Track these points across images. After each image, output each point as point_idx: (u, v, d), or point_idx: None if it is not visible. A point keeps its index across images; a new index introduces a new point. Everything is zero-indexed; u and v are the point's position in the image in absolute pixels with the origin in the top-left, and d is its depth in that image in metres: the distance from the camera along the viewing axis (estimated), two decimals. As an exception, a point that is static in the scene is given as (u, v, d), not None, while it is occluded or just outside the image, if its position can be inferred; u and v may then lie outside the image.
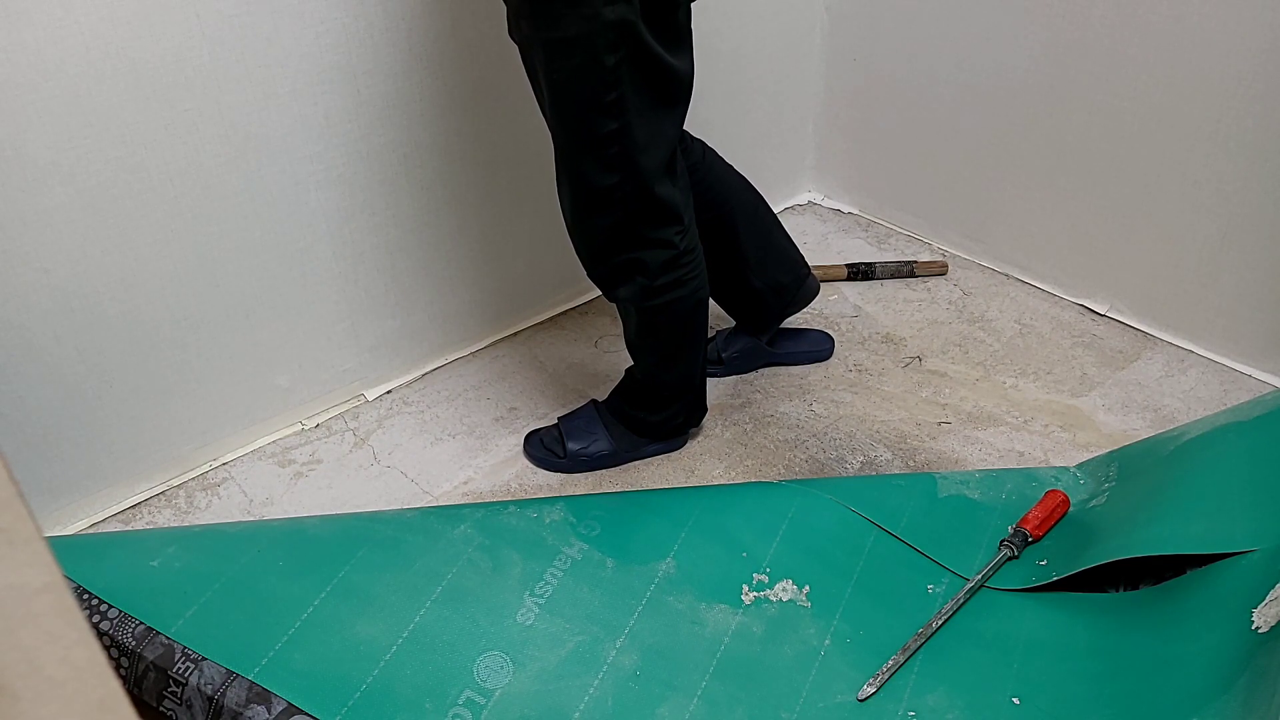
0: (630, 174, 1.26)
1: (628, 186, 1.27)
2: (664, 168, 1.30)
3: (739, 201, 1.59)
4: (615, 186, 1.27)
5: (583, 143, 1.25)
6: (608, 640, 1.12)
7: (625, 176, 1.26)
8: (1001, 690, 1.09)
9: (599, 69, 1.18)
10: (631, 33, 1.17)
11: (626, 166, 1.26)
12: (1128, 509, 1.28)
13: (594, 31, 1.15)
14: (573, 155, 1.27)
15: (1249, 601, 1.04)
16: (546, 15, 1.17)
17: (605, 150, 1.24)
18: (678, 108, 1.32)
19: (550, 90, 1.23)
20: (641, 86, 1.22)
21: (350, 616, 1.10)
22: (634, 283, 1.36)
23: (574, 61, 1.18)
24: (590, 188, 1.28)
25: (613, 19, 1.14)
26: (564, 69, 1.20)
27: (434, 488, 1.54)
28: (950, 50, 1.92)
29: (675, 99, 1.30)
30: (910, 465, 1.56)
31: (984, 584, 1.25)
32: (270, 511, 1.49)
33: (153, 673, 1.04)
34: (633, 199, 1.29)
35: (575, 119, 1.23)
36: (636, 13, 1.16)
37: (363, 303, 1.65)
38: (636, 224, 1.32)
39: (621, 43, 1.17)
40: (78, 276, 1.31)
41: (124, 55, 1.24)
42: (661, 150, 1.29)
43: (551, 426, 1.59)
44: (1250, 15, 1.51)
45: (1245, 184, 1.61)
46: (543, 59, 1.21)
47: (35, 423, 1.36)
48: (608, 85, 1.19)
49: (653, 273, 1.35)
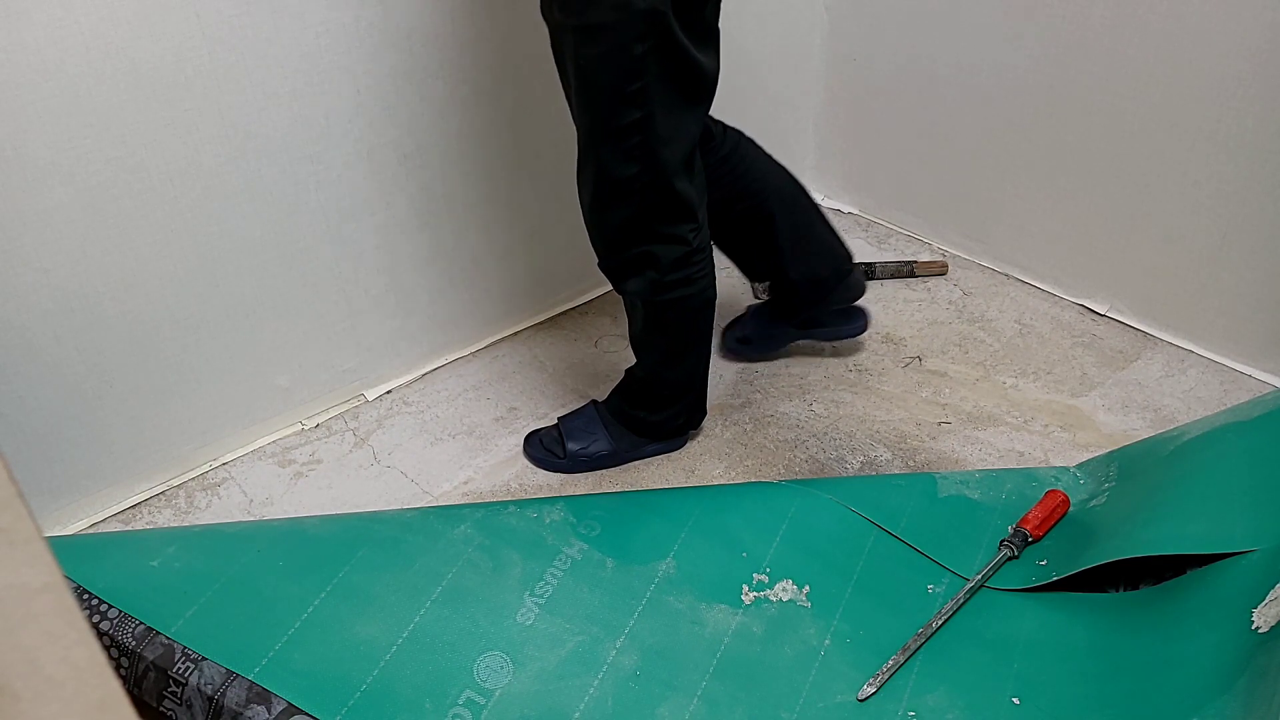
0: (649, 166, 1.27)
1: (646, 178, 1.28)
2: (684, 163, 1.31)
3: (776, 191, 1.59)
4: (634, 178, 1.28)
5: (605, 131, 1.26)
6: (608, 640, 1.12)
7: (644, 168, 1.27)
8: (1001, 690, 1.09)
9: (626, 57, 1.19)
10: (661, 23, 1.18)
11: (647, 158, 1.27)
12: (1127, 509, 1.28)
13: (624, 20, 1.16)
14: (595, 144, 1.28)
15: (1249, 601, 1.03)
16: (578, 1, 1.18)
17: (626, 140, 1.25)
18: (701, 105, 1.33)
19: (577, 76, 1.24)
20: (667, 79, 1.23)
21: (350, 616, 1.10)
22: (644, 276, 1.37)
23: (602, 48, 1.19)
24: (610, 178, 1.29)
25: (643, 8, 1.15)
26: (591, 55, 1.21)
27: (434, 488, 1.54)
28: (950, 50, 1.92)
29: (699, 96, 1.31)
30: (910, 465, 1.56)
31: (984, 584, 1.25)
32: (270, 511, 1.49)
33: (153, 673, 1.04)
34: (650, 191, 1.30)
35: (599, 106, 1.24)
36: (667, 4, 1.17)
37: (363, 303, 1.65)
38: (652, 218, 1.33)
39: (650, 33, 1.18)
40: (78, 276, 1.31)
41: (124, 55, 1.24)
42: (682, 145, 1.30)
43: (551, 427, 1.59)
44: (1250, 15, 1.51)
45: (1245, 184, 1.61)
46: (571, 44, 1.22)
47: (35, 423, 1.36)
48: (633, 74, 1.20)
49: (664, 268, 1.36)
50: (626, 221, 1.33)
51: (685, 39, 1.22)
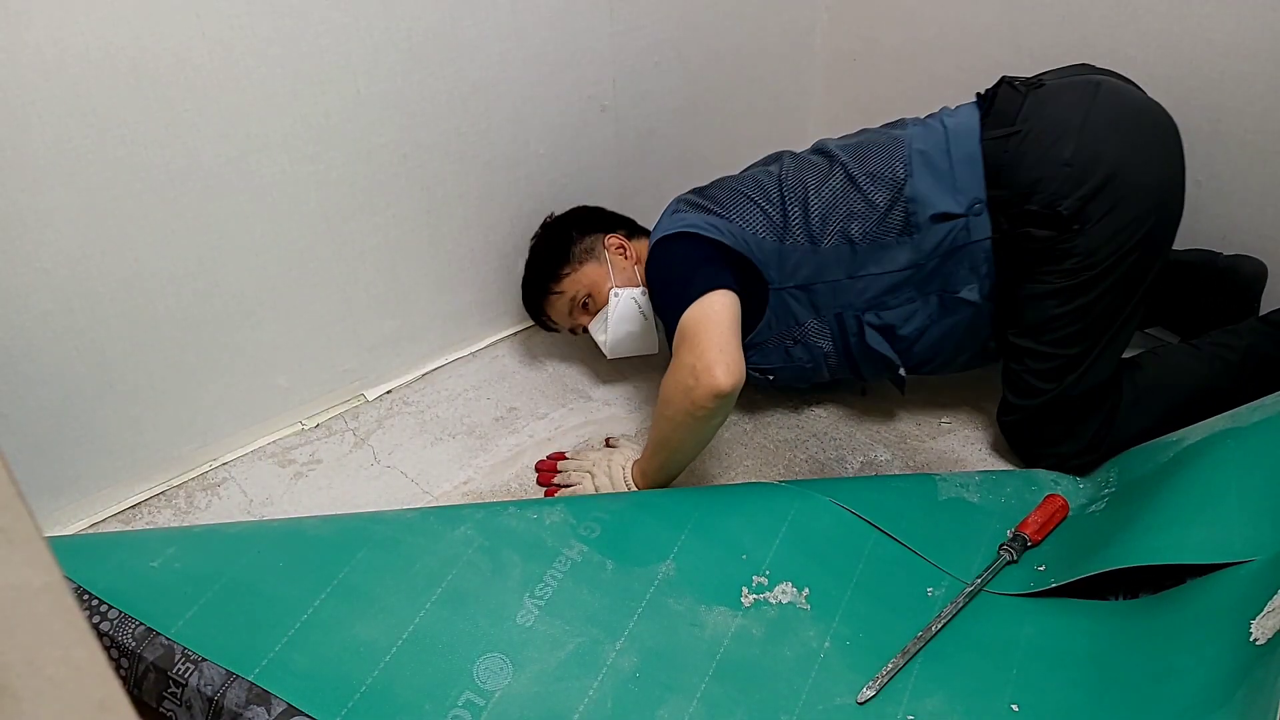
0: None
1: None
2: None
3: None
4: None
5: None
6: (607, 642, 1.11)
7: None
8: (1000, 696, 1.09)
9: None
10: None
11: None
12: (1126, 516, 1.28)
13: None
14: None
15: (1247, 613, 1.03)
16: None
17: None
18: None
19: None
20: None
21: (350, 618, 1.10)
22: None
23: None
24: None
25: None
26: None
27: (434, 488, 1.54)
28: (950, 50, 1.92)
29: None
30: (910, 465, 1.56)
31: (983, 588, 1.25)
32: (270, 511, 1.49)
33: (153, 674, 1.04)
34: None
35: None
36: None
37: (363, 303, 1.65)
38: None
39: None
40: (78, 276, 1.31)
41: (124, 55, 1.24)
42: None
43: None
44: (1250, 15, 1.51)
45: (1244, 184, 1.61)
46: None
47: (35, 423, 1.36)
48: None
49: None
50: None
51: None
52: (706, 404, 1.29)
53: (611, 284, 1.63)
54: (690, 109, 1.99)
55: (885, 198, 1.42)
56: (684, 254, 1.44)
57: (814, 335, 1.52)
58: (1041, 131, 1.36)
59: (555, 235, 1.69)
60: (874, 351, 1.49)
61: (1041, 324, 1.40)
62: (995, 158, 1.38)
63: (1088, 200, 1.33)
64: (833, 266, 1.46)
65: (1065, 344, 1.40)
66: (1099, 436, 1.44)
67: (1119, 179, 1.33)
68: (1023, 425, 1.48)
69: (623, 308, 1.62)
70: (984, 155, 1.39)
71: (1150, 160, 1.36)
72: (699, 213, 1.49)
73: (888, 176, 1.43)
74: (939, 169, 1.41)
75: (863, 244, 1.43)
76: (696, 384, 1.29)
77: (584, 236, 1.66)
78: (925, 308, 1.46)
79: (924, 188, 1.41)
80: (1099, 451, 1.44)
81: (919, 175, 1.41)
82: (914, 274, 1.44)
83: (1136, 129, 1.37)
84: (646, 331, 1.65)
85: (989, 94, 1.47)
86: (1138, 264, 1.36)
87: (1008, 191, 1.37)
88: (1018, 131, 1.38)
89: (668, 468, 1.41)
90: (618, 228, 1.70)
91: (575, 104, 1.78)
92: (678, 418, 1.33)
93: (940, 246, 1.41)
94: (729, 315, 1.35)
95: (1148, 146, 1.37)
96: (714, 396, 1.28)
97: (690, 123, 2.01)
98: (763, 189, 1.50)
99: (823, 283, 1.47)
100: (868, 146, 1.48)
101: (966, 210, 1.39)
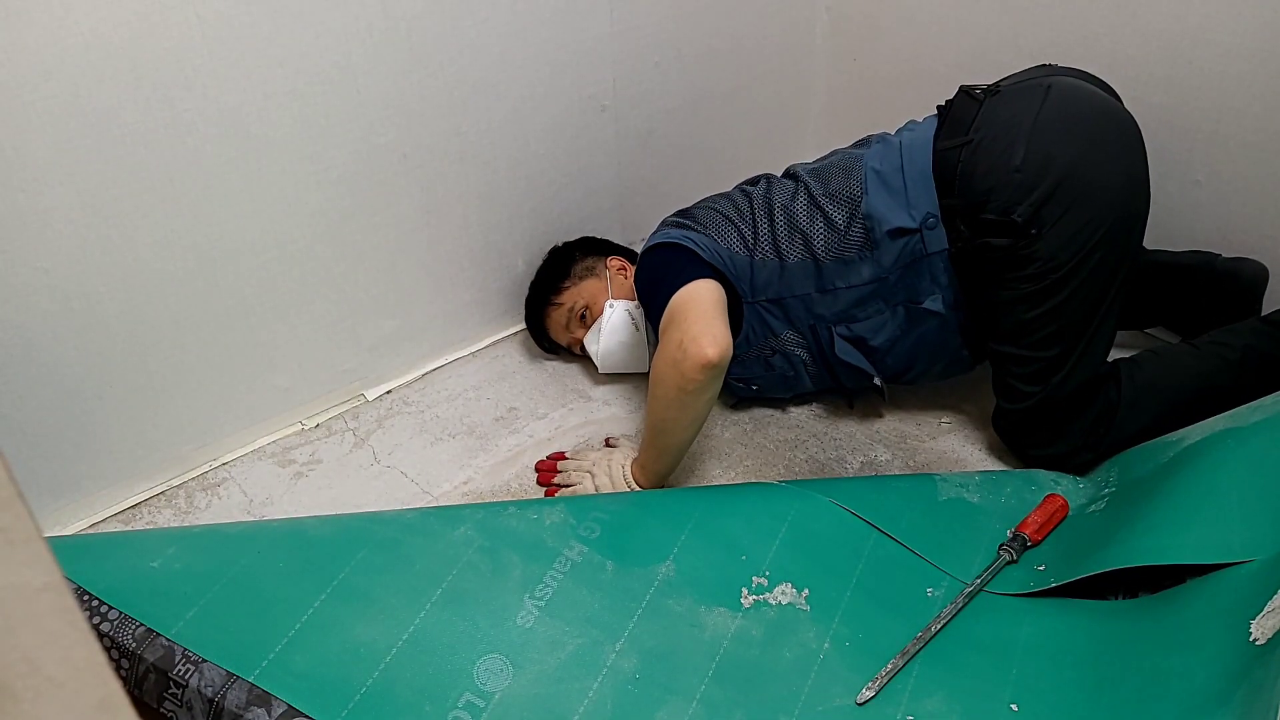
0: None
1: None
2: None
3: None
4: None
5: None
6: (607, 643, 1.11)
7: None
8: (1000, 696, 1.09)
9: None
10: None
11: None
12: (1126, 516, 1.27)
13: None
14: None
15: (1247, 613, 1.03)
16: None
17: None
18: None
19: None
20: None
21: (350, 618, 1.10)
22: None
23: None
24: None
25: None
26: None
27: (434, 488, 1.54)
28: (950, 50, 1.92)
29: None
30: (910, 465, 1.56)
31: (983, 588, 1.25)
32: (270, 511, 1.49)
33: (153, 674, 1.04)
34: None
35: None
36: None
37: (363, 303, 1.65)
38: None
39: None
40: (78, 276, 1.31)
41: (124, 55, 1.24)
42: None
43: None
44: (1250, 15, 1.51)
45: (1245, 184, 1.61)
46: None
47: (35, 423, 1.36)
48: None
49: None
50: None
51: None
52: (696, 376, 1.31)
53: (609, 298, 1.68)
54: (690, 109, 1.99)
55: (844, 216, 1.46)
56: (669, 257, 1.50)
57: (791, 345, 1.56)
58: (993, 139, 1.37)
59: (559, 255, 1.78)
60: (847, 362, 1.53)
61: (1017, 329, 1.41)
62: (948, 169, 1.40)
63: (1040, 205, 1.33)
64: (800, 281, 1.50)
65: (1043, 346, 1.40)
66: (1093, 435, 1.44)
67: (1072, 180, 1.33)
68: (1015, 429, 1.49)
69: (616, 318, 1.66)
70: (935, 167, 1.41)
71: (1105, 159, 1.36)
72: (681, 230, 1.54)
73: (845, 195, 1.47)
74: (893, 186, 1.44)
75: (826, 260, 1.48)
76: (684, 357, 1.31)
77: (587, 256, 1.75)
78: (894, 319, 1.49)
79: (879, 205, 1.44)
80: (1097, 450, 1.45)
81: (874, 193, 1.45)
82: (878, 287, 1.47)
83: (1089, 128, 1.37)
84: (638, 344, 1.67)
85: (948, 104, 1.48)
86: (1103, 262, 1.36)
87: (962, 201, 1.39)
88: (970, 141, 1.39)
89: (665, 454, 1.42)
90: (621, 254, 1.77)
91: (575, 104, 1.78)
92: (669, 395, 1.35)
93: (899, 260, 1.44)
94: (714, 296, 1.40)
95: (1102, 145, 1.36)
96: (702, 368, 1.31)
97: (690, 122, 2.01)
98: (738, 208, 1.56)
99: (793, 297, 1.51)
100: (830, 168, 1.53)
101: (920, 224, 1.42)
